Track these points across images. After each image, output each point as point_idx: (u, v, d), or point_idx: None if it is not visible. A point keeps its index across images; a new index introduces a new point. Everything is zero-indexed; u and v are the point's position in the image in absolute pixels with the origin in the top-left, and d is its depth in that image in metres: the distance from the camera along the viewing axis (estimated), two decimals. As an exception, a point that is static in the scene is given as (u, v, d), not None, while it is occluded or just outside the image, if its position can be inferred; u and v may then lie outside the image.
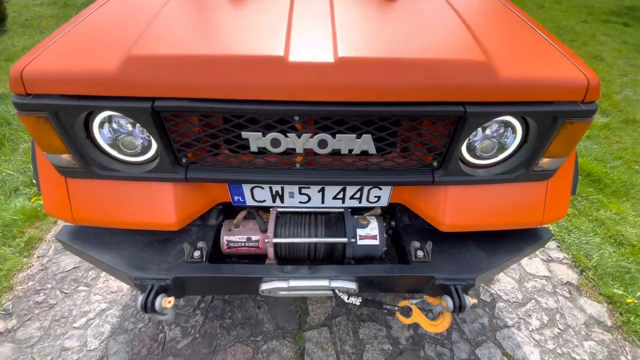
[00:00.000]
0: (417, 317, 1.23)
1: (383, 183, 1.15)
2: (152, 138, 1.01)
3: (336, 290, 1.13)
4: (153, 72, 0.89)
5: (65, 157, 1.04)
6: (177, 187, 1.12)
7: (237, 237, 1.21)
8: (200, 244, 1.17)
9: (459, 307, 1.11)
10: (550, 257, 2.22)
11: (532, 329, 1.81)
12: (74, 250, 1.20)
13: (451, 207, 1.15)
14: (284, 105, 0.91)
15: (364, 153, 1.06)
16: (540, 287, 2.02)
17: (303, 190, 1.22)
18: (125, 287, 1.93)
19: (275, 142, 1.01)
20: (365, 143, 1.02)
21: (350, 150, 1.04)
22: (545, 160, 1.09)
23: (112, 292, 1.90)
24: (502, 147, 1.09)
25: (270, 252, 1.19)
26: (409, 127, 1.03)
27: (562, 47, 1.08)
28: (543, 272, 2.11)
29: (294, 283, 1.11)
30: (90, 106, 0.92)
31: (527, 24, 1.22)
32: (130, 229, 1.20)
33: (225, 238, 1.21)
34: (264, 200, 1.25)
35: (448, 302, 1.10)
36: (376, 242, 1.21)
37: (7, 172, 2.70)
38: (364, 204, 1.26)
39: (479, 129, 1.05)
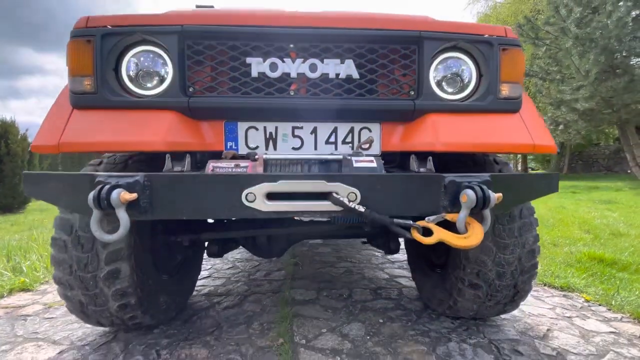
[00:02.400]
0: (440, 233, 0.95)
1: (370, 111, 1.21)
2: (168, 70, 1.18)
3: (334, 194, 0.95)
4: (187, 13, 1.19)
5: (86, 82, 1.15)
6: (173, 117, 1.16)
7: (224, 163, 1.11)
8: (184, 164, 1.07)
9: (483, 201, 0.93)
10: (606, 317, 1.76)
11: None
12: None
13: (443, 132, 1.17)
14: (283, 29, 1.17)
15: (349, 80, 1.21)
16: (612, 341, 1.51)
17: (296, 132, 1.24)
18: None
19: (273, 66, 1.18)
20: (348, 67, 1.20)
21: (337, 75, 1.20)
22: (505, 85, 1.24)
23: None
24: (463, 82, 1.26)
25: (260, 172, 1.07)
26: (383, 54, 1.24)
27: None
28: (606, 329, 1.63)
29: (284, 183, 0.95)
30: (133, 31, 1.15)
31: None
32: (113, 151, 1.12)
33: (211, 164, 1.11)
34: (257, 147, 1.24)
35: (469, 195, 0.92)
36: (374, 164, 1.12)
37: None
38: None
39: (440, 68, 1.26)
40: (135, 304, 1.36)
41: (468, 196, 0.92)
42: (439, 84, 1.26)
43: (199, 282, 2.21)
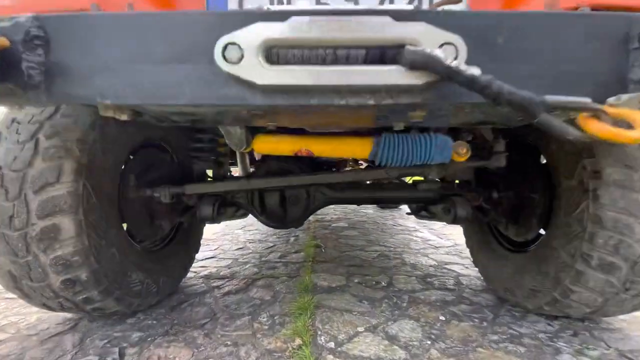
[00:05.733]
0: (596, 126, 0.44)
1: None
2: None
3: (408, 47, 0.46)
4: None
5: None
6: None
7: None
8: None
9: None
10: None
11: None
12: None
13: None
14: None
15: None
16: None
17: None
18: None
19: None
20: None
21: None
22: None
23: None
24: None
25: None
26: None
27: None
28: None
29: (302, 22, 0.47)
30: None
31: None
32: None
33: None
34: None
35: None
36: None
37: None
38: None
39: None
40: (88, 281, 0.93)
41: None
42: None
43: (198, 263, 1.78)
